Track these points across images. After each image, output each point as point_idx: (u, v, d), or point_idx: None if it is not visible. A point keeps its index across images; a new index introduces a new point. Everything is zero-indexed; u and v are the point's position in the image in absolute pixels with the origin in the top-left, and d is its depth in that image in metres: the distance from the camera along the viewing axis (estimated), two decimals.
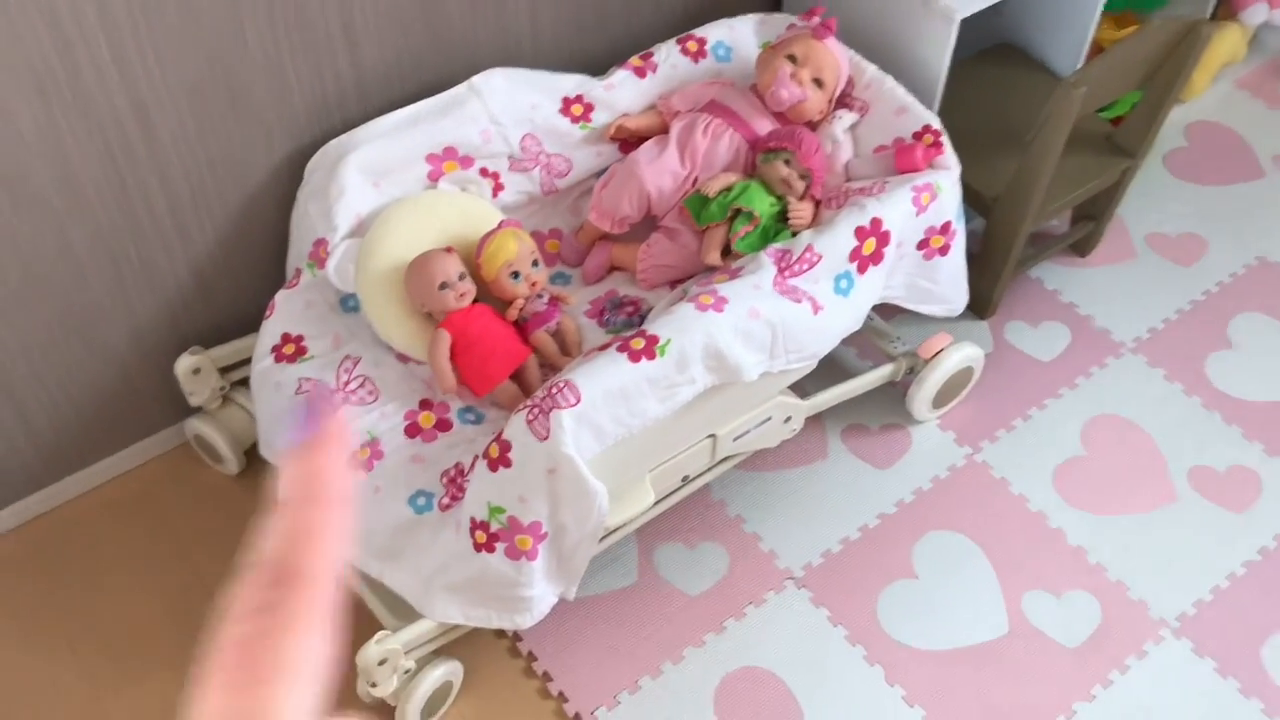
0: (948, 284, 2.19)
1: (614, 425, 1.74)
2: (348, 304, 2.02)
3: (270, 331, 1.97)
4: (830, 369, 2.38)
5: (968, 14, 2.13)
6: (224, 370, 2.17)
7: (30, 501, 2.18)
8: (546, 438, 1.67)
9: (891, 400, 2.43)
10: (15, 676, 2.03)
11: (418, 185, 2.05)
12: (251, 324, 2.09)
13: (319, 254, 1.97)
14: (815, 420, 2.38)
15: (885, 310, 2.39)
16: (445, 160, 2.06)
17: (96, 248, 1.94)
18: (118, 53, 1.75)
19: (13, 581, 2.14)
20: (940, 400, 2.37)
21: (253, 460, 2.22)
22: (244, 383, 2.12)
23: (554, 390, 1.68)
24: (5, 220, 1.81)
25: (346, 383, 1.91)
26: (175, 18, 1.77)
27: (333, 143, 2.02)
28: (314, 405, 0.38)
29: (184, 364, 2.11)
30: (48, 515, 2.22)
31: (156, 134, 1.87)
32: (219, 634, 0.37)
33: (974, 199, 2.39)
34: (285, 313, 1.98)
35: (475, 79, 2.08)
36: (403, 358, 1.98)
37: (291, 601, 0.37)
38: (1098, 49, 2.64)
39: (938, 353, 2.30)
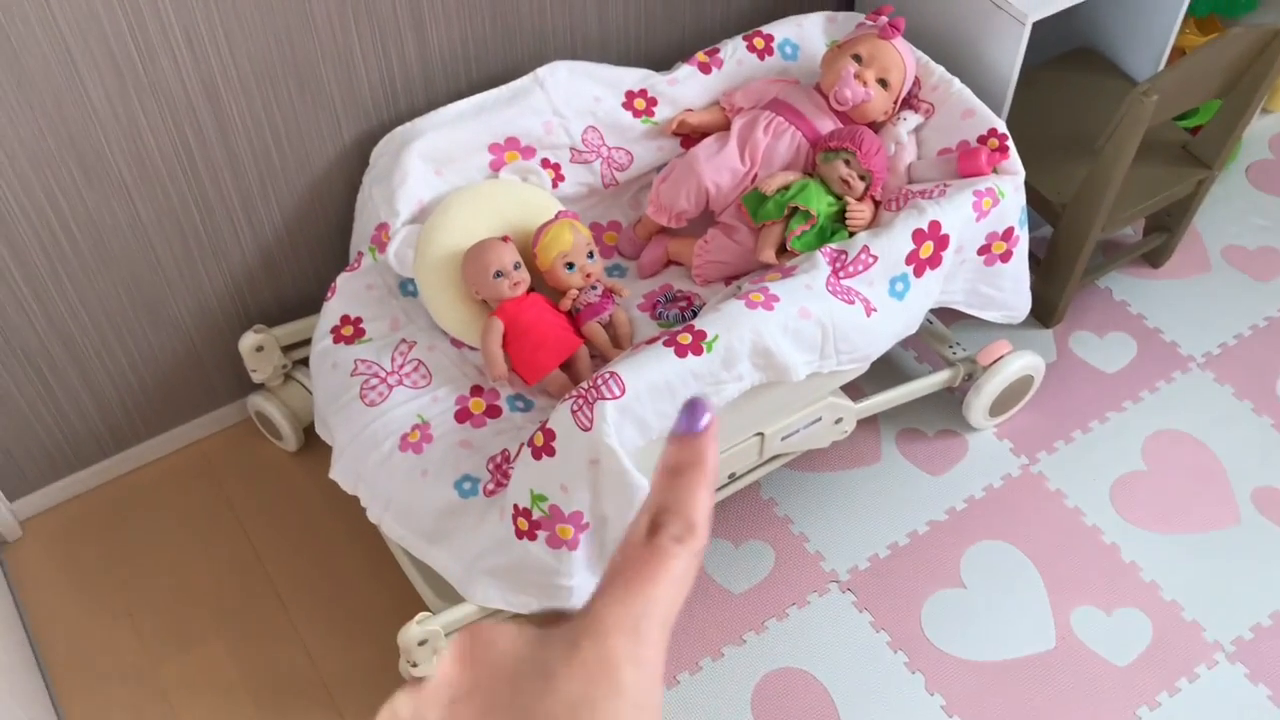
0: (1010, 290, 2.16)
1: (658, 419, 1.75)
2: (406, 288, 2.05)
3: (331, 312, 2.01)
4: (887, 371, 2.36)
5: (1040, 17, 2.09)
6: (286, 349, 2.22)
7: (96, 469, 2.26)
8: (590, 428, 1.68)
9: (948, 406, 2.40)
10: (76, 639, 2.10)
11: (479, 174, 2.07)
12: (314, 304, 2.13)
13: (381, 238, 2.00)
14: (869, 423, 2.37)
15: (947, 315, 2.37)
16: (507, 150, 2.08)
17: (166, 225, 2.00)
18: (190, 35, 1.79)
19: (77, 546, 2.21)
20: (998, 408, 2.34)
21: (311, 438, 2.27)
22: (305, 361, 2.17)
23: (599, 381, 1.70)
24: (79, 196, 1.88)
25: (401, 365, 1.94)
26: (246, 1, 1.81)
27: (398, 129, 2.05)
28: (698, 410, 0.43)
29: (248, 341, 2.16)
30: (112, 483, 2.29)
31: (226, 115, 1.92)
32: (634, 541, 0.40)
33: (1043, 205, 2.35)
34: (346, 294, 2.02)
35: (540, 70, 2.10)
36: (457, 343, 2.00)
37: (691, 544, 0.41)
38: (1182, 54, 2.58)
39: (997, 360, 2.27)
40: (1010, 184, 2.01)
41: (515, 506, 1.76)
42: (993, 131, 2.04)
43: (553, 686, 0.38)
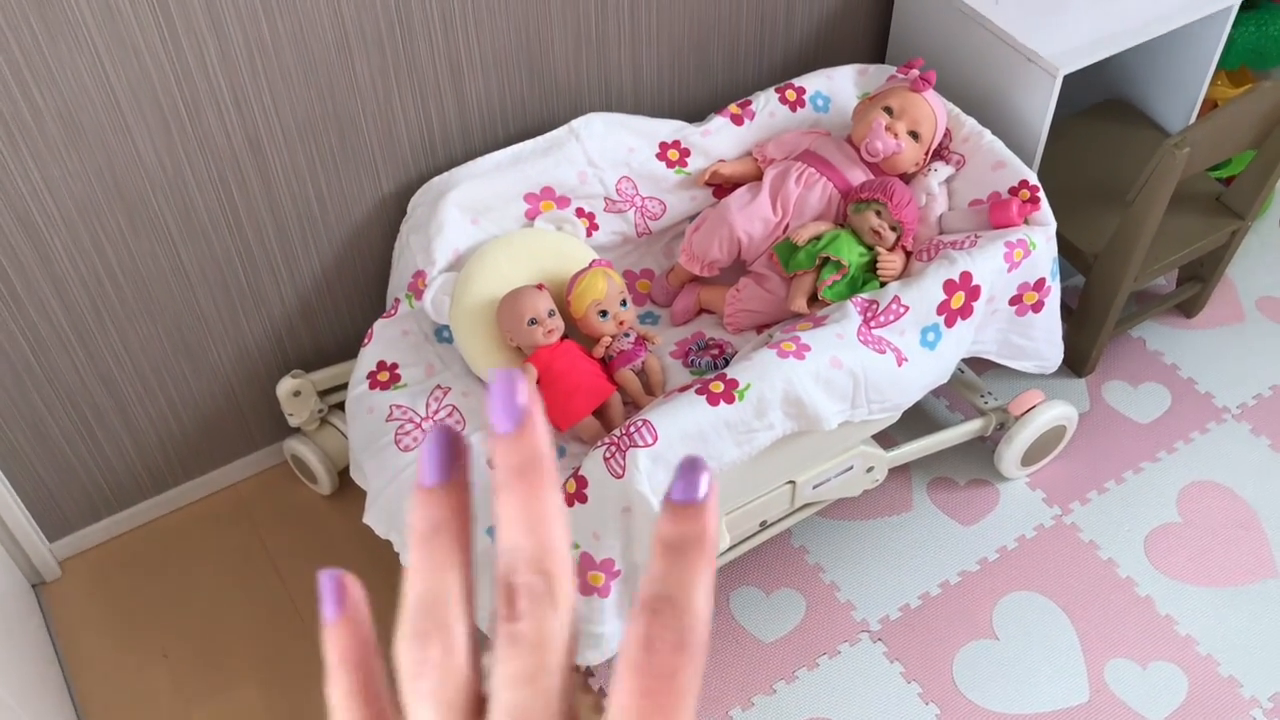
0: (1042, 340, 2.16)
1: None
2: (442, 335, 2.08)
3: (367, 358, 2.04)
4: (919, 420, 2.37)
5: (1071, 70, 2.11)
6: (323, 393, 2.25)
7: (135, 511, 2.29)
8: (622, 476, 1.69)
9: (980, 455, 2.39)
10: (111, 678, 2.12)
11: (515, 223, 2.11)
12: (351, 349, 2.17)
13: (417, 286, 2.04)
14: (901, 471, 2.37)
15: (979, 364, 2.37)
16: (542, 199, 2.12)
17: (209, 273, 2.04)
18: (236, 91, 1.84)
19: (114, 587, 2.24)
20: (1030, 458, 2.33)
21: (346, 482, 2.29)
22: (342, 406, 2.20)
23: (632, 429, 1.71)
24: (124, 244, 1.92)
25: (435, 411, 1.97)
26: (291, 58, 1.86)
27: (435, 179, 2.10)
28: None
29: (285, 386, 2.19)
30: (150, 525, 2.32)
31: (269, 168, 1.97)
32: (634, 656, 0.35)
33: (1075, 256, 2.35)
34: (382, 341, 2.05)
35: (575, 122, 2.14)
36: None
37: (699, 641, 0.36)
38: (1213, 106, 2.59)
39: (1029, 410, 2.27)
40: (1042, 235, 2.02)
41: None
42: (1024, 183, 2.05)
43: None
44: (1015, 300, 2.05)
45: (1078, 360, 2.50)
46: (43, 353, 1.98)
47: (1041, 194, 2.04)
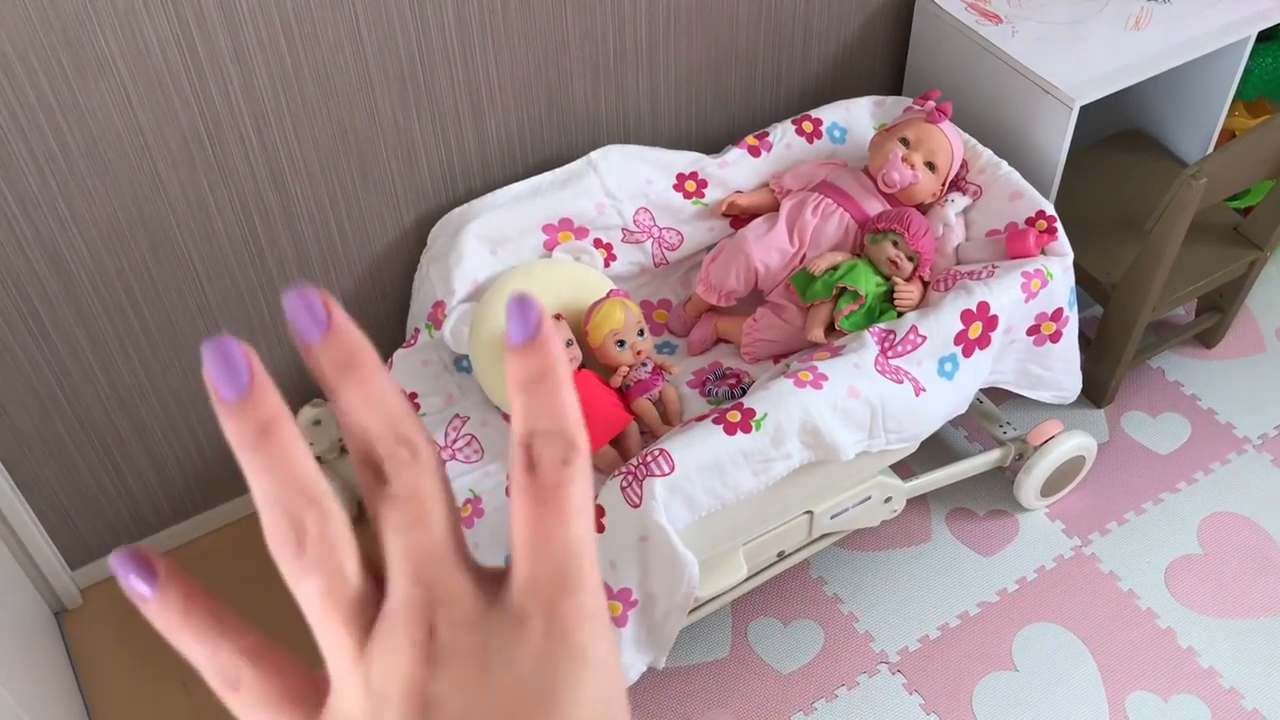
0: (1060, 370, 2.16)
1: (707, 496, 1.76)
2: (461, 364, 2.09)
3: None
4: (937, 450, 2.36)
5: (1088, 101, 2.12)
6: None
7: (156, 539, 2.31)
8: (639, 505, 1.70)
9: (999, 486, 2.39)
10: (132, 707, 2.13)
11: (533, 253, 2.13)
12: None
13: (437, 316, 2.06)
14: (920, 502, 2.36)
15: (998, 394, 2.37)
16: (561, 230, 2.14)
17: (230, 302, 2.06)
18: (260, 124, 1.87)
19: (135, 616, 2.23)
20: (1049, 488, 2.32)
21: (365, 511, 2.30)
22: None
23: (648, 458, 1.72)
24: (148, 275, 1.95)
25: (454, 440, 1.98)
26: (314, 92, 1.89)
27: (455, 211, 2.12)
28: (528, 306, 0.38)
29: (306, 415, 2.21)
30: (171, 553, 2.34)
31: (291, 200, 1.99)
32: (520, 479, 0.37)
33: (1092, 286, 2.35)
34: (402, 370, 2.06)
35: (593, 154, 2.16)
36: (509, 419, 2.03)
37: (581, 462, 0.37)
38: (1231, 136, 2.59)
39: (1048, 440, 2.26)
40: (1059, 265, 2.02)
41: None
42: (1041, 214, 2.05)
43: (516, 675, 0.36)
44: (1033, 330, 2.06)
45: (1096, 390, 2.49)
46: (67, 383, 2.00)
47: (1059, 224, 2.04)
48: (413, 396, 2.03)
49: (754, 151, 2.25)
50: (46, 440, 2.05)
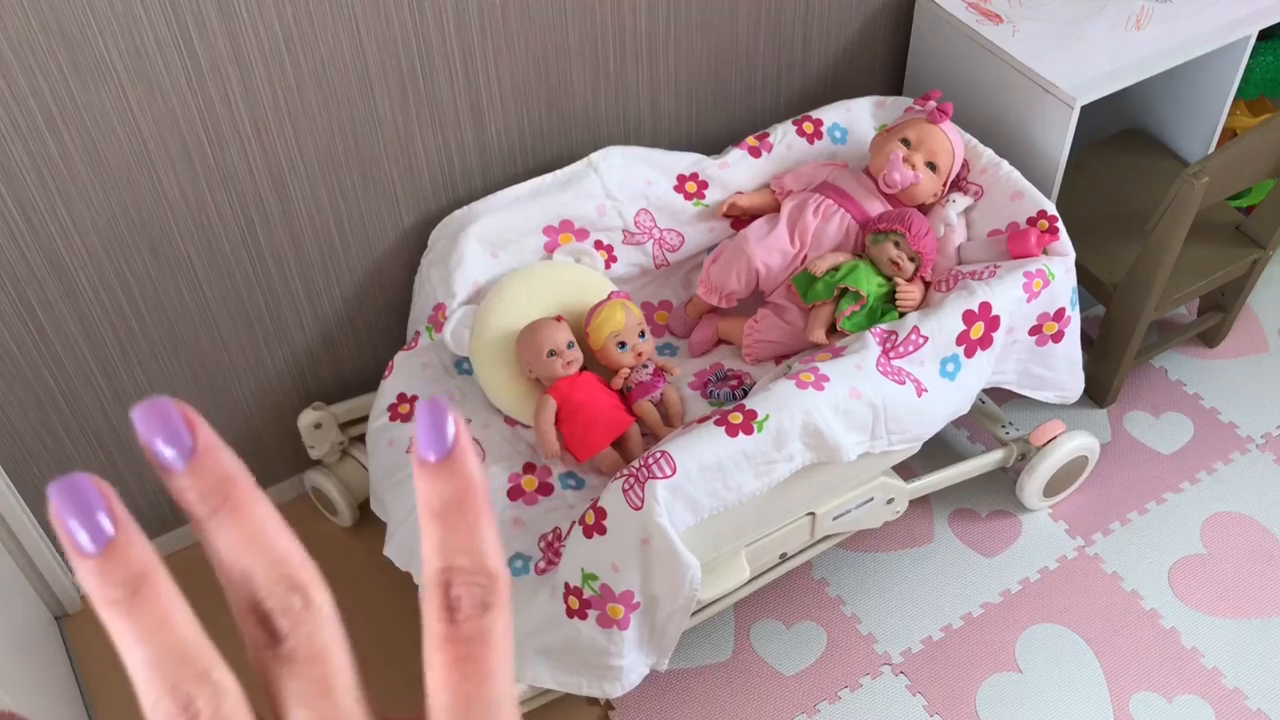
0: (1062, 370, 2.16)
1: (709, 499, 1.76)
2: (462, 367, 2.09)
3: (387, 391, 2.05)
4: (939, 451, 2.36)
5: (1088, 101, 2.11)
6: (343, 426, 2.26)
7: (157, 543, 2.30)
8: (641, 507, 1.69)
9: (1002, 486, 2.38)
10: (133, 711, 2.12)
11: (534, 256, 2.12)
12: (372, 382, 2.18)
13: (437, 318, 2.05)
14: (922, 503, 2.36)
15: (1000, 394, 2.36)
16: (561, 232, 2.13)
17: (231, 307, 2.06)
18: (260, 127, 1.87)
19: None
20: (1052, 489, 2.32)
21: (366, 514, 2.30)
22: (363, 438, 2.21)
23: (650, 461, 1.71)
24: (149, 278, 1.95)
25: None
26: (314, 95, 1.88)
27: (456, 213, 2.11)
28: (439, 415, 0.33)
29: (306, 419, 2.21)
30: (172, 557, 2.33)
31: (291, 202, 1.99)
32: (436, 629, 0.33)
33: (1094, 285, 2.35)
34: (403, 373, 2.06)
35: (594, 156, 2.15)
36: (510, 421, 2.03)
37: (502, 604, 0.33)
38: (1232, 135, 2.59)
39: (1050, 440, 2.26)
40: (1061, 265, 2.01)
41: (566, 585, 1.77)
42: (1042, 213, 2.05)
43: None
44: (1035, 330, 2.05)
45: (1099, 390, 2.49)
46: (68, 387, 2.00)
47: (1060, 224, 2.04)
48: (414, 399, 2.03)
49: (754, 152, 2.24)
50: (47, 445, 2.05)
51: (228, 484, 0.33)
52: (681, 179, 2.21)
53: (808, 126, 2.27)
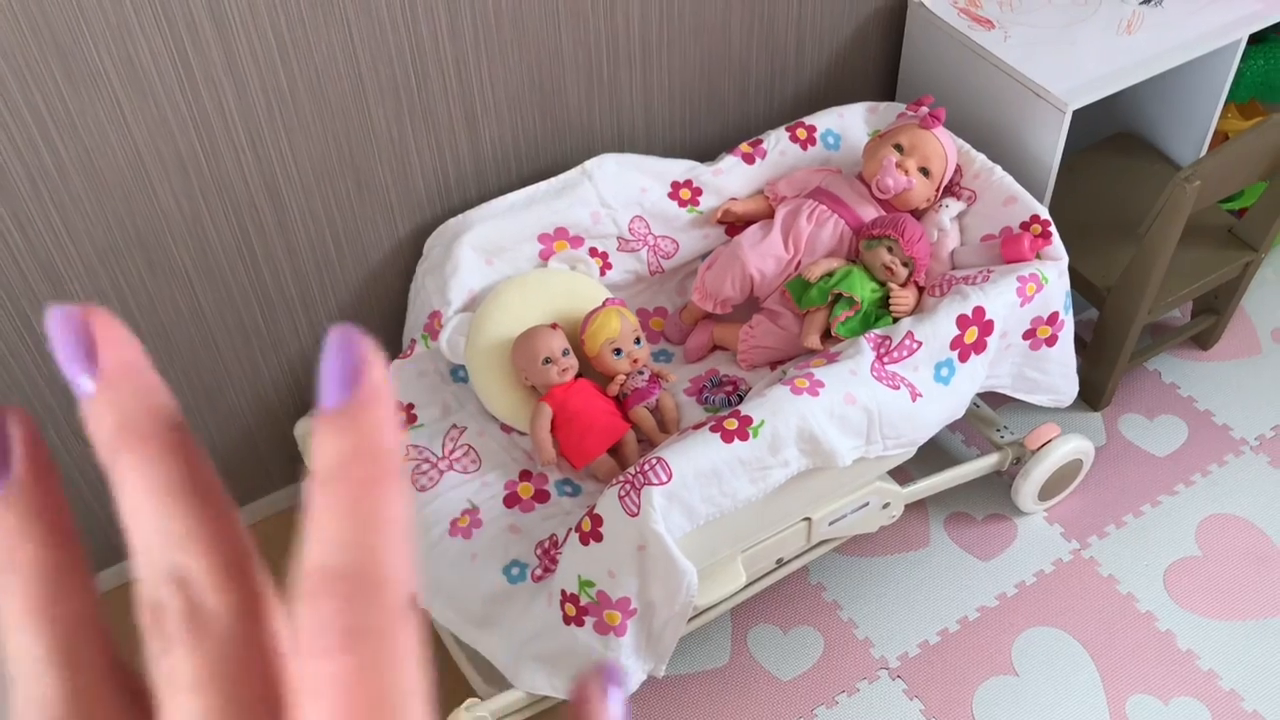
0: (1056, 374, 2.16)
1: (705, 505, 1.76)
2: (457, 375, 2.09)
3: None
4: (934, 455, 2.36)
5: (1080, 105, 2.12)
6: None
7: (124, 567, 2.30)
8: (637, 514, 1.70)
9: (997, 490, 2.39)
10: None
11: (529, 263, 2.13)
12: None
13: (433, 326, 2.06)
14: (918, 507, 2.36)
15: (995, 398, 2.37)
16: (556, 240, 2.14)
17: (226, 316, 2.06)
18: (254, 136, 1.87)
19: (131, 630, 2.24)
20: (1047, 492, 2.32)
21: None
22: None
23: (646, 467, 1.72)
24: (144, 288, 1.95)
25: (451, 450, 1.98)
26: (308, 103, 1.89)
27: (451, 221, 2.12)
28: (344, 350, 0.25)
29: (303, 427, 2.21)
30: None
31: (286, 211, 1.99)
32: (303, 664, 0.25)
33: (1088, 289, 2.36)
34: (399, 381, 2.06)
35: (588, 163, 2.16)
36: (506, 429, 2.04)
37: (381, 619, 0.25)
38: (1223, 138, 2.60)
39: (1045, 443, 2.26)
40: (1054, 269, 2.02)
41: (563, 592, 1.77)
42: (1035, 218, 2.06)
43: None
44: (1029, 334, 2.06)
45: (1093, 393, 2.49)
46: (62, 397, 2.00)
47: (1053, 228, 2.05)
48: (409, 408, 2.03)
49: (748, 159, 2.25)
50: None
51: (142, 419, 0.25)
52: (676, 186, 2.21)
53: (801, 133, 2.28)
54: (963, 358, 1.96)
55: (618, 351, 1.99)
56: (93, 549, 2.26)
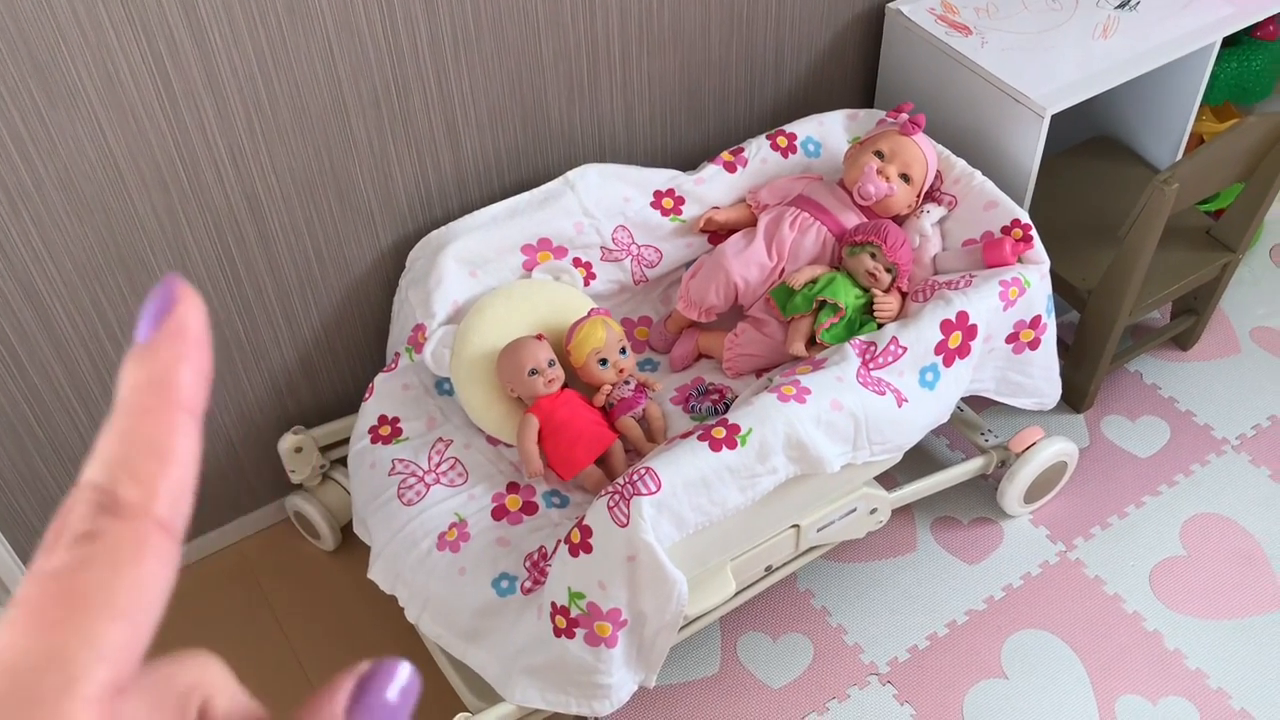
0: (1039, 377, 2.17)
1: (694, 514, 1.76)
2: (442, 387, 2.08)
3: (368, 413, 2.04)
4: (920, 460, 2.37)
5: (1058, 110, 2.14)
6: (324, 449, 2.25)
7: None
8: (626, 524, 1.69)
9: (983, 493, 2.40)
10: None
11: (513, 274, 2.12)
12: (352, 404, 2.17)
13: (417, 339, 2.05)
14: (905, 512, 2.37)
15: (979, 402, 2.38)
16: (540, 250, 2.13)
17: (209, 331, 2.05)
18: (234, 150, 1.86)
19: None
20: (1032, 495, 2.33)
21: (349, 537, 2.28)
22: (344, 461, 2.20)
23: (635, 477, 1.71)
24: (124, 303, 1.93)
25: (438, 464, 1.97)
26: (288, 117, 1.88)
27: (434, 233, 2.11)
28: (161, 293, 0.29)
29: (287, 443, 2.19)
30: None
31: (267, 225, 1.98)
32: (34, 564, 0.28)
33: (1068, 292, 2.37)
34: (383, 395, 2.05)
35: (570, 174, 2.16)
36: (493, 441, 2.03)
37: (119, 532, 0.28)
38: (1199, 140, 2.62)
39: (1029, 446, 2.27)
40: (1036, 273, 2.03)
41: (553, 604, 1.77)
42: (1016, 222, 2.07)
43: None
44: (1012, 338, 2.07)
45: (1076, 396, 2.51)
46: (44, 415, 1.98)
47: (1034, 232, 2.06)
48: (395, 421, 2.02)
49: (730, 167, 2.26)
50: (24, 474, 2.03)
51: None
52: (658, 195, 2.21)
53: (781, 141, 2.28)
54: (947, 362, 1.97)
55: (603, 361, 1.99)
56: None
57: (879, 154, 2.12)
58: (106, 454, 0.28)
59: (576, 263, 2.16)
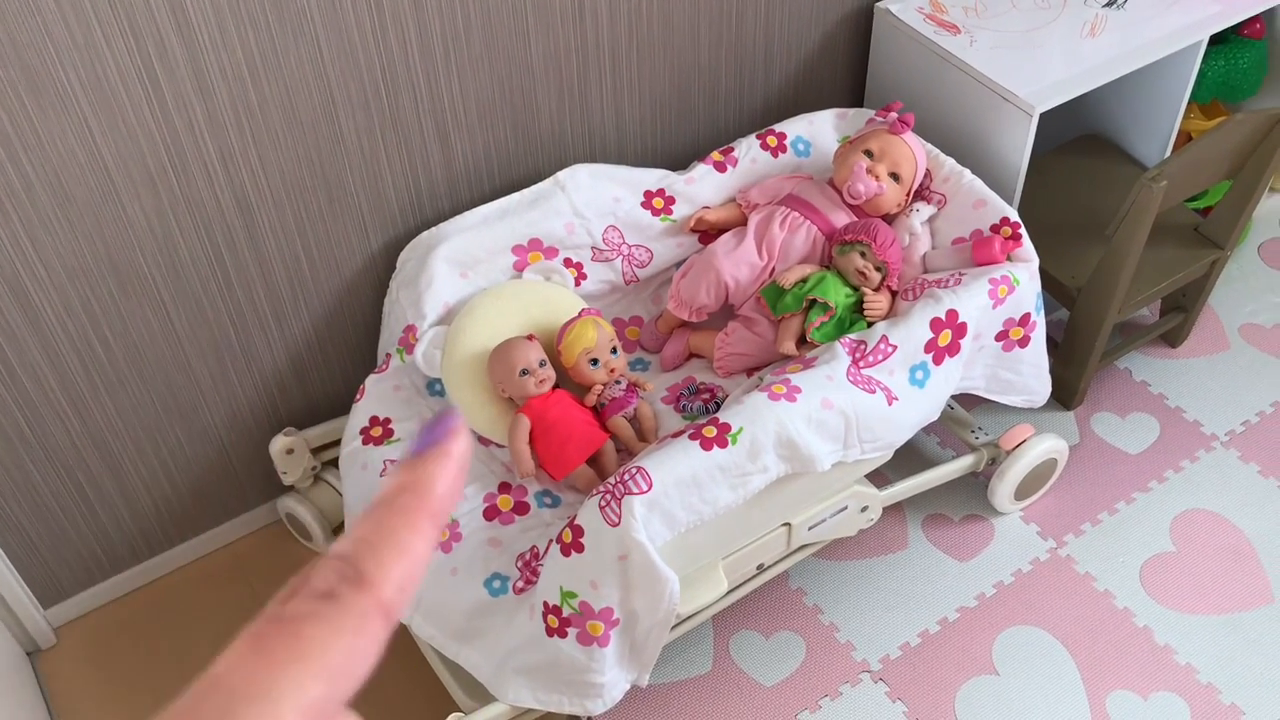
0: (1029, 375, 2.18)
1: (686, 513, 1.76)
2: (434, 388, 2.09)
3: (360, 414, 2.04)
4: (911, 458, 2.38)
5: (1047, 108, 2.14)
6: (316, 450, 2.25)
7: (130, 574, 2.28)
8: (618, 524, 1.69)
9: (973, 491, 2.40)
10: None
11: (503, 275, 2.12)
12: (343, 406, 2.17)
13: (408, 340, 2.05)
14: (896, 510, 2.37)
15: (969, 400, 2.39)
16: (530, 251, 2.14)
17: (199, 333, 2.05)
18: (224, 152, 1.86)
19: (110, 653, 2.22)
20: (1023, 492, 2.34)
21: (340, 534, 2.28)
22: (335, 463, 2.20)
23: (626, 476, 1.72)
24: (115, 307, 1.93)
25: None
26: (278, 119, 1.88)
27: (424, 234, 2.11)
28: (441, 420, 0.35)
29: (278, 444, 2.19)
30: (145, 588, 2.31)
31: (258, 227, 1.98)
32: (271, 606, 0.32)
33: (1058, 290, 2.38)
34: (375, 396, 2.05)
35: (561, 174, 2.16)
36: (484, 441, 2.03)
37: (352, 600, 0.32)
38: (1187, 138, 2.63)
39: (1020, 444, 2.28)
40: (1025, 271, 2.04)
41: (545, 604, 1.77)
42: (1005, 220, 2.08)
43: None
44: (1001, 336, 2.07)
45: (1065, 393, 2.51)
46: (35, 418, 1.98)
47: (1023, 230, 2.06)
48: (386, 423, 2.02)
49: (720, 167, 2.26)
50: (15, 478, 2.02)
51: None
52: (649, 195, 2.22)
53: (771, 140, 2.29)
54: (937, 360, 1.98)
55: (594, 361, 1.99)
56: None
57: (868, 153, 2.13)
58: (358, 534, 0.33)
59: (567, 263, 2.16)
